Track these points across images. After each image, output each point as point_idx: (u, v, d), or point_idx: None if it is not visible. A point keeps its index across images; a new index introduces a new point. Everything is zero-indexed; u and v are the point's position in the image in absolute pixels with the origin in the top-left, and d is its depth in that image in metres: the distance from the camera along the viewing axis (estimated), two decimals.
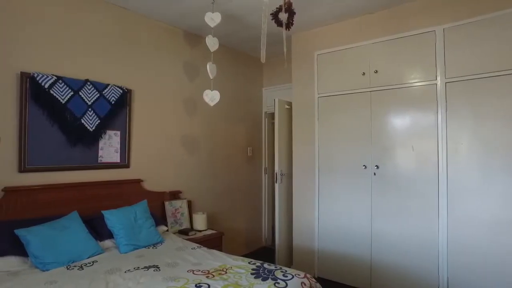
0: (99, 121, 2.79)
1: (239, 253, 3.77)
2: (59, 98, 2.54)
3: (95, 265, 2.11)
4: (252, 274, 1.98)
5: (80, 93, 2.67)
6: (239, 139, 4.33)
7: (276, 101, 3.71)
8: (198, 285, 1.78)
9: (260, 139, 4.72)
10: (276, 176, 3.68)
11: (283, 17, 2.24)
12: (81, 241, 2.25)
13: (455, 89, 2.71)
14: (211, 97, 3.01)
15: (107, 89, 2.85)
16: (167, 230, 3.03)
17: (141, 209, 2.72)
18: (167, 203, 3.26)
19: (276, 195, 3.70)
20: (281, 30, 2.30)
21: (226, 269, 2.05)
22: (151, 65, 3.28)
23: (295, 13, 2.28)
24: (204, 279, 1.88)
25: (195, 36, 3.72)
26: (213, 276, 1.93)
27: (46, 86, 2.47)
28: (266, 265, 2.15)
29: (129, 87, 3.06)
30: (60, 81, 2.55)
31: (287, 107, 3.86)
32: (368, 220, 3.14)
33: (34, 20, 2.47)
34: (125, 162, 3.02)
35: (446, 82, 2.75)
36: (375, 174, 3.10)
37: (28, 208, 2.35)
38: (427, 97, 2.84)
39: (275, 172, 3.70)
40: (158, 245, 2.59)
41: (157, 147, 3.32)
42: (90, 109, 2.74)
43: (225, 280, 1.87)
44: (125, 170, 3.03)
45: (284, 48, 2.33)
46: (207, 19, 2.72)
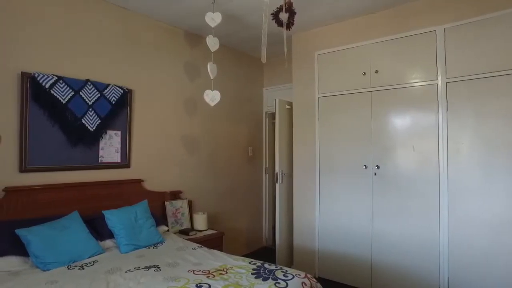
0: (99, 121, 2.79)
1: (239, 253, 3.78)
2: (59, 98, 2.54)
3: (96, 265, 2.11)
4: (252, 274, 1.98)
5: (81, 93, 2.68)
6: (239, 139, 4.33)
7: (276, 101, 3.71)
8: (198, 285, 1.78)
9: (261, 139, 4.72)
10: (276, 176, 3.68)
11: (283, 17, 2.25)
12: (81, 241, 2.25)
13: (455, 89, 2.71)
14: (212, 97, 3.01)
15: (107, 89, 2.85)
16: (168, 230, 3.03)
17: (141, 209, 2.72)
18: (167, 203, 3.26)
19: (276, 195, 3.70)
20: (281, 30, 2.30)
21: (227, 269, 2.05)
22: (152, 65, 3.28)
23: (295, 13, 2.28)
24: (205, 279, 1.88)
25: (195, 36, 3.72)
26: (214, 276, 1.93)
27: (47, 86, 2.47)
28: (266, 265, 2.15)
29: (130, 87, 3.06)
30: (61, 81, 2.55)
31: (287, 107, 3.86)
32: (369, 220, 3.14)
33: (34, 20, 2.47)
34: (125, 162, 3.02)
35: (447, 82, 2.74)
36: (375, 174, 3.10)
37: (28, 208, 2.36)
38: (428, 97, 2.83)
39: (275, 172, 3.70)
40: (159, 245, 2.59)
41: (158, 147, 3.32)
42: (90, 109, 2.74)
43: (226, 280, 1.87)
44: (126, 170, 3.03)
45: (285, 48, 2.33)
46: (207, 19, 2.72)
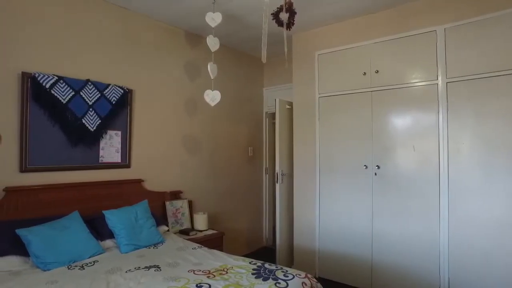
0: (100, 121, 2.79)
1: (240, 253, 3.77)
2: (60, 98, 2.55)
3: (96, 265, 2.11)
4: (253, 274, 1.98)
5: (81, 93, 2.68)
6: (240, 139, 4.33)
7: (276, 101, 3.71)
8: (199, 285, 1.78)
9: (261, 139, 4.72)
10: (277, 176, 3.68)
11: (284, 17, 2.25)
12: (82, 241, 2.25)
13: (456, 89, 2.70)
14: (212, 97, 3.01)
15: (108, 89, 2.85)
16: (168, 230, 3.03)
17: (142, 209, 2.72)
18: (168, 203, 3.26)
19: (277, 195, 3.70)
20: (281, 30, 2.30)
21: (227, 269, 2.05)
22: (152, 65, 3.28)
23: (295, 13, 2.28)
24: (205, 279, 1.88)
25: (196, 36, 3.72)
26: (214, 276, 1.93)
27: (47, 86, 2.47)
28: (267, 265, 2.14)
29: (130, 87, 3.06)
30: (61, 81, 2.56)
31: (288, 107, 3.86)
32: (369, 220, 3.14)
33: (34, 20, 2.47)
34: (126, 162, 3.02)
35: (447, 82, 2.74)
36: (376, 174, 3.10)
37: (29, 208, 2.36)
38: (428, 97, 2.83)
39: (275, 172, 3.69)
40: (159, 245, 2.59)
41: (158, 147, 3.32)
42: (91, 109, 2.74)
43: (226, 280, 1.87)
44: (126, 170, 3.03)
45: (285, 48, 2.33)
46: (208, 19, 2.72)
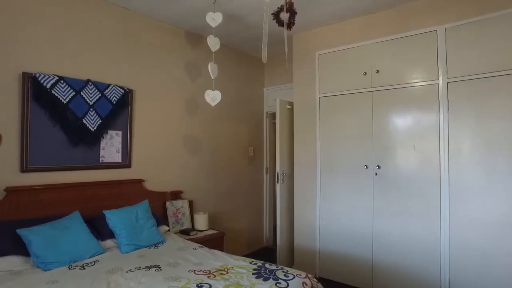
0: (100, 121, 2.80)
1: (240, 253, 3.77)
2: (60, 98, 2.55)
3: (97, 264, 2.11)
4: (253, 274, 1.98)
5: (82, 93, 2.68)
6: (240, 139, 4.33)
7: (277, 101, 3.71)
8: (199, 285, 1.78)
9: (262, 139, 4.72)
10: (277, 176, 3.68)
11: (284, 17, 2.25)
12: (82, 241, 2.25)
13: (456, 89, 2.70)
14: (213, 97, 3.01)
15: (108, 89, 2.86)
16: (169, 230, 3.03)
17: (142, 209, 2.72)
18: (168, 203, 3.26)
19: (277, 195, 3.70)
20: (282, 30, 2.30)
21: (228, 269, 2.05)
22: (153, 65, 3.28)
23: (296, 13, 2.28)
24: (206, 279, 1.88)
25: (196, 36, 3.72)
26: (215, 276, 1.93)
27: (48, 86, 2.47)
28: (267, 265, 2.14)
29: (131, 87, 3.06)
30: (62, 81, 2.56)
31: (288, 107, 3.86)
32: (370, 220, 3.14)
33: (34, 20, 2.47)
34: (126, 162, 3.02)
35: (448, 82, 2.74)
36: (376, 174, 3.10)
37: (30, 208, 2.36)
38: (429, 97, 2.83)
39: (276, 172, 3.69)
40: (160, 245, 2.59)
41: (159, 147, 3.33)
42: (91, 109, 2.74)
43: (227, 280, 1.87)
44: (127, 170, 3.03)
45: (285, 48, 2.33)
46: (208, 19, 2.72)
